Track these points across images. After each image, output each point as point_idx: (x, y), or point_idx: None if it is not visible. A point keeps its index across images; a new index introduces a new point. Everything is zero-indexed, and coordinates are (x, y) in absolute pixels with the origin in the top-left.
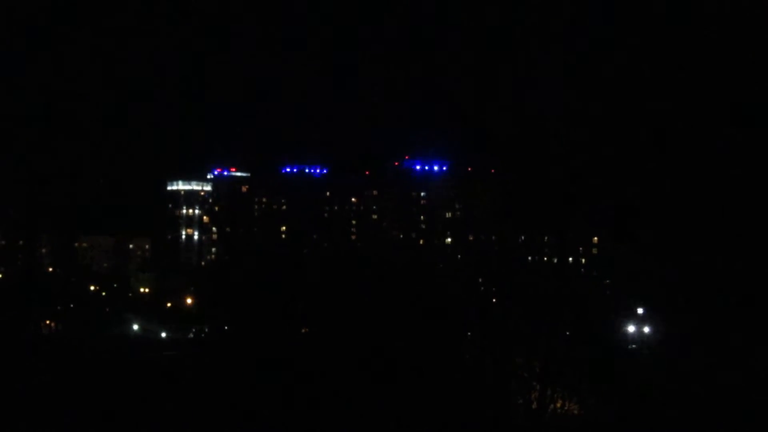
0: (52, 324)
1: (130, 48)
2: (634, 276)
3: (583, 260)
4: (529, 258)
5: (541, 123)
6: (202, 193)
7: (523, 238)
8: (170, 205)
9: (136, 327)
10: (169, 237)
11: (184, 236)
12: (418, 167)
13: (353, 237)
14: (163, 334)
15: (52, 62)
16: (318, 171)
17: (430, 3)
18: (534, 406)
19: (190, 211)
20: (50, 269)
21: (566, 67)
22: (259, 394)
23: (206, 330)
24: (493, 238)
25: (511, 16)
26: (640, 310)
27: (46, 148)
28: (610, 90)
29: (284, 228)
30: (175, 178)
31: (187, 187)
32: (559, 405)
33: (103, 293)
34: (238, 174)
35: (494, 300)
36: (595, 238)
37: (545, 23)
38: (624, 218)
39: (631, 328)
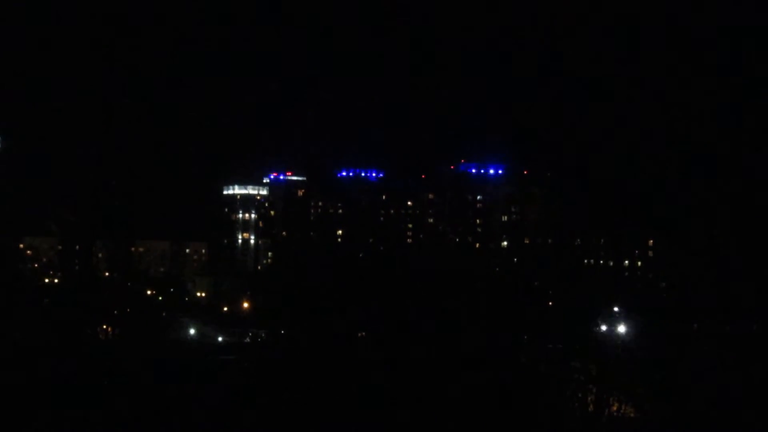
0: (109, 329)
1: (188, 51)
2: (689, 279)
3: (639, 263)
4: (585, 261)
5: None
6: (259, 197)
7: (579, 241)
8: (226, 210)
9: (192, 331)
10: (226, 241)
11: (240, 241)
12: (473, 171)
13: (409, 240)
14: (220, 338)
15: (108, 65)
16: (374, 175)
17: (482, 7)
18: (590, 408)
19: (247, 215)
20: (106, 274)
21: (624, 75)
22: (316, 398)
23: (263, 334)
24: (549, 241)
25: (568, 22)
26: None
27: (102, 152)
28: (664, 98)
29: (340, 232)
30: (232, 182)
31: (244, 192)
32: (615, 408)
33: (160, 298)
34: (295, 178)
35: (550, 302)
36: (651, 241)
37: (602, 28)
38: (679, 222)
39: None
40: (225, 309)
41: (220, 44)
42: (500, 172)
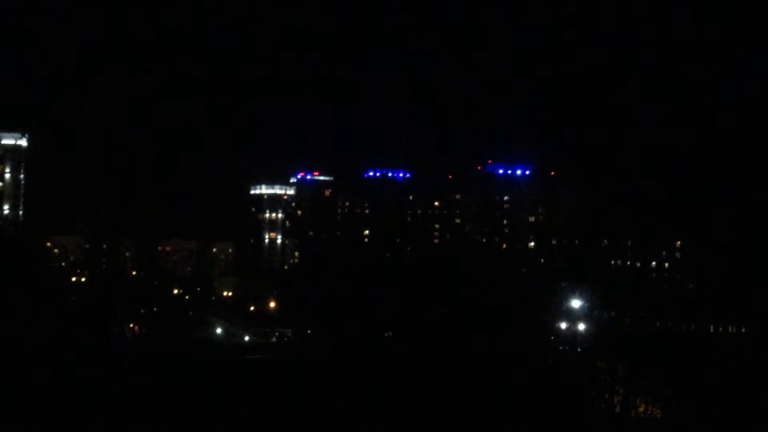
0: (136, 327)
1: (216, 53)
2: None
3: (666, 264)
4: (612, 262)
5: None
6: (286, 197)
7: (606, 242)
8: (253, 209)
9: (219, 330)
10: (252, 241)
11: (267, 240)
12: (501, 171)
13: (436, 241)
14: (247, 338)
15: (139, 64)
16: (401, 175)
17: (517, 6)
18: (617, 410)
19: (273, 215)
20: (134, 273)
21: (654, 75)
22: (342, 396)
23: (290, 333)
24: (576, 242)
25: (603, 20)
26: None
27: (131, 153)
28: (698, 96)
29: (367, 232)
30: (259, 181)
31: (271, 191)
32: (641, 409)
33: (187, 297)
34: (322, 178)
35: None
36: (678, 243)
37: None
38: (709, 223)
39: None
40: (251, 308)
41: (249, 45)
42: (527, 172)
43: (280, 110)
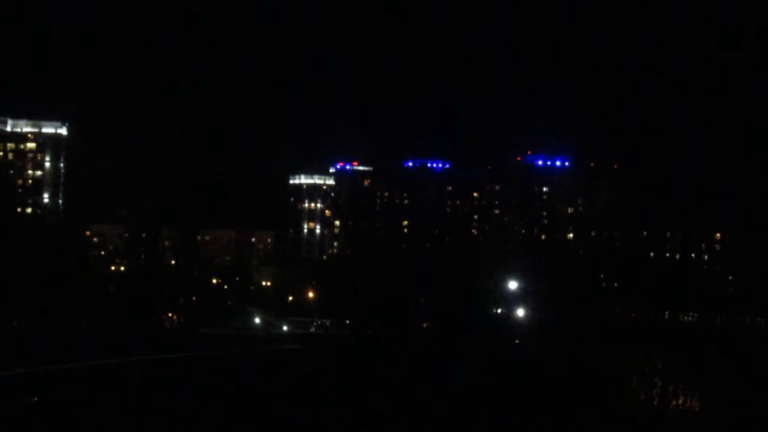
0: (175, 317)
1: (259, 44)
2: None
3: (706, 257)
4: (652, 254)
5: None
6: (325, 187)
7: (645, 233)
8: (292, 199)
9: (257, 320)
10: (291, 231)
11: (306, 230)
12: (540, 162)
13: (475, 232)
14: (285, 328)
15: (179, 56)
16: (440, 165)
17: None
18: (656, 402)
19: (313, 204)
20: (173, 262)
21: (696, 68)
22: (380, 388)
23: (328, 323)
24: (616, 234)
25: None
26: None
27: (171, 144)
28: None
29: (406, 222)
30: (298, 171)
31: (310, 181)
32: (680, 401)
33: (225, 286)
34: (361, 168)
35: (616, 295)
36: (718, 235)
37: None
38: (752, 215)
39: None
40: (290, 298)
41: (291, 36)
42: (567, 163)
43: (321, 101)
